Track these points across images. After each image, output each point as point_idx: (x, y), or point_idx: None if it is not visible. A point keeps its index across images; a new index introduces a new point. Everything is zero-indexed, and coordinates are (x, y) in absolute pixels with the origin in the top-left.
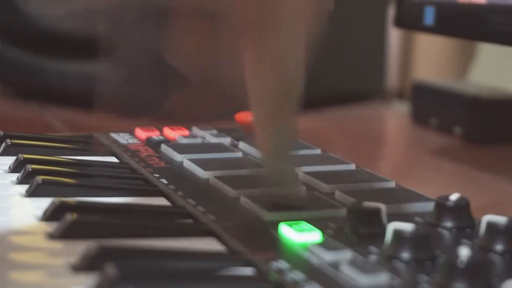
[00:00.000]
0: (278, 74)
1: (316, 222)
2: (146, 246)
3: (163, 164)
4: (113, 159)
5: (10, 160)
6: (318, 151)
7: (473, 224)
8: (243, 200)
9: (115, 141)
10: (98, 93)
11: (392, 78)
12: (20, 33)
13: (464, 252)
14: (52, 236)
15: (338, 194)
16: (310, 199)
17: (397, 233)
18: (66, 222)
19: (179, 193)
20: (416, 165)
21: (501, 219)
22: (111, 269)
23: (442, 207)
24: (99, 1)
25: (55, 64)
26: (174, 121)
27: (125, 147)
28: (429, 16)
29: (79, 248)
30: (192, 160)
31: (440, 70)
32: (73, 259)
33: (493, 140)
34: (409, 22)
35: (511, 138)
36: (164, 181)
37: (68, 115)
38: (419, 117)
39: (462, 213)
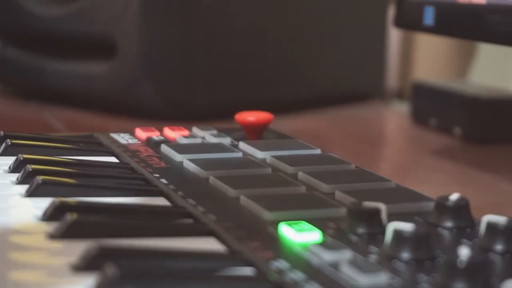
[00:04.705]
0: None
1: (316, 222)
2: (146, 246)
3: (163, 164)
4: (113, 159)
5: (10, 160)
6: (318, 151)
7: (473, 224)
8: (243, 200)
9: (115, 141)
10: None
11: (392, 78)
12: (20, 33)
13: (464, 252)
14: (52, 236)
15: (338, 194)
16: (310, 199)
17: (397, 233)
18: (66, 222)
19: (179, 193)
20: (416, 165)
21: (501, 219)
22: (111, 269)
23: (442, 207)
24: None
25: (55, 64)
26: None
27: (125, 147)
28: (429, 16)
29: (79, 248)
30: (192, 160)
31: (440, 70)
32: (73, 259)
33: (493, 140)
34: (409, 22)
35: (511, 138)
36: (164, 181)
37: (68, 115)
38: (419, 117)
39: (462, 213)
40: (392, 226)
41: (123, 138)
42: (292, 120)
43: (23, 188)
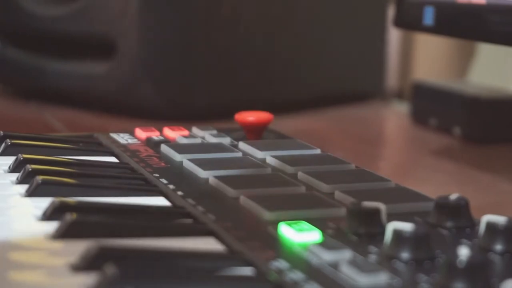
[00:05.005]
0: None
1: (316, 222)
2: (146, 246)
3: (162, 164)
4: (113, 159)
5: (10, 160)
6: (318, 151)
7: (473, 224)
8: (243, 200)
9: (115, 141)
10: (97, 93)
11: (392, 78)
12: (20, 33)
13: (463, 252)
14: (52, 236)
15: (338, 194)
16: (310, 199)
17: (397, 233)
18: (66, 222)
19: (179, 193)
20: (415, 165)
21: (500, 219)
22: (111, 269)
23: (441, 207)
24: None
25: (55, 64)
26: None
27: (125, 147)
28: (428, 16)
29: (79, 248)
30: (192, 160)
31: (440, 70)
32: (73, 259)
33: (493, 140)
34: (409, 22)
35: (511, 138)
36: (164, 181)
37: (68, 115)
38: (419, 117)
39: (462, 213)
40: (392, 226)
41: (123, 138)
42: (292, 120)
43: (23, 188)
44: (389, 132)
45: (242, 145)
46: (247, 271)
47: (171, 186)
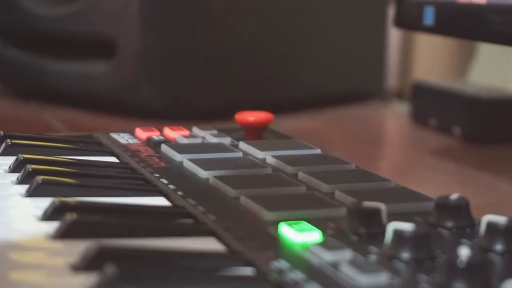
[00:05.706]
0: None
1: (316, 222)
2: (146, 246)
3: (163, 164)
4: (113, 159)
5: (10, 160)
6: (318, 151)
7: (473, 224)
8: (243, 200)
9: (115, 141)
10: (97, 93)
11: (392, 78)
12: (20, 33)
13: (464, 252)
14: (52, 236)
15: (338, 194)
16: (310, 199)
17: (397, 233)
18: (66, 222)
19: (179, 193)
20: (415, 165)
21: (501, 219)
22: (111, 269)
23: (442, 207)
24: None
25: (55, 64)
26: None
27: (125, 147)
28: (428, 16)
29: (79, 248)
30: (192, 160)
31: (440, 70)
32: (73, 259)
33: (492, 140)
34: (409, 22)
35: (511, 138)
36: (164, 181)
37: (68, 115)
38: (419, 117)
39: (462, 213)
40: (392, 226)
41: (123, 138)
42: (292, 120)
43: (23, 188)
44: (389, 132)
45: (242, 145)
46: (247, 271)
47: (172, 186)
